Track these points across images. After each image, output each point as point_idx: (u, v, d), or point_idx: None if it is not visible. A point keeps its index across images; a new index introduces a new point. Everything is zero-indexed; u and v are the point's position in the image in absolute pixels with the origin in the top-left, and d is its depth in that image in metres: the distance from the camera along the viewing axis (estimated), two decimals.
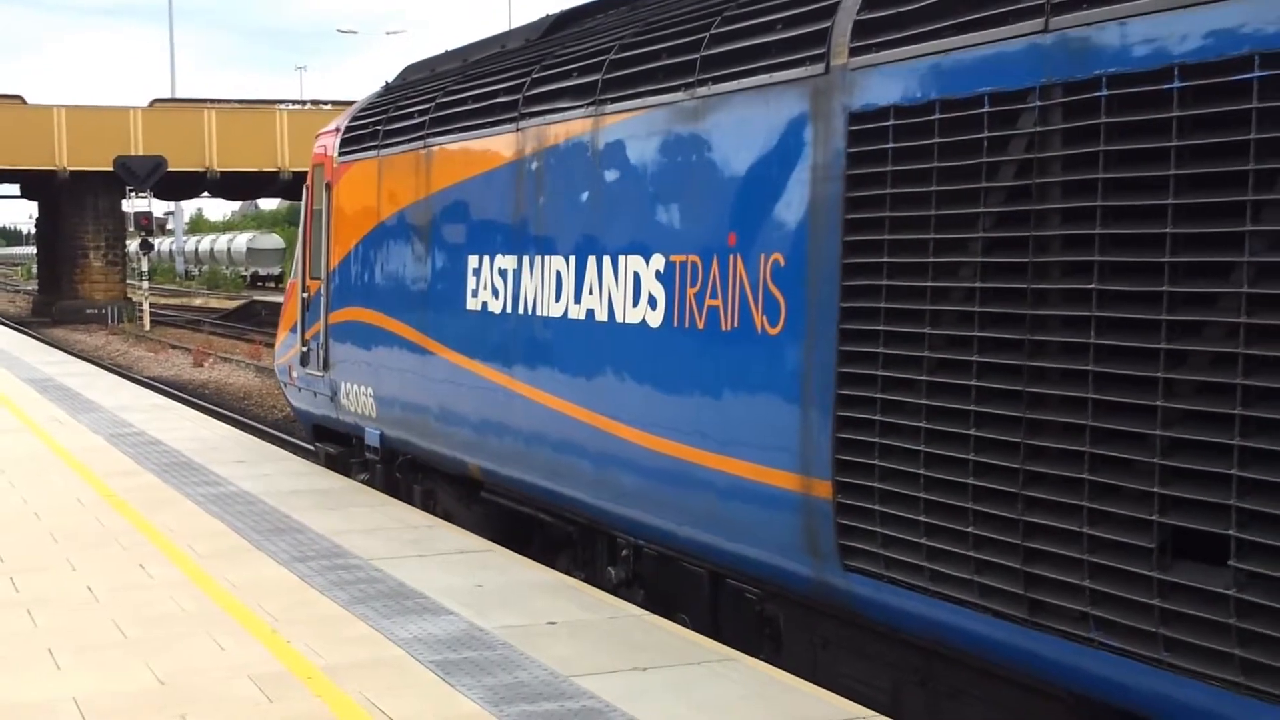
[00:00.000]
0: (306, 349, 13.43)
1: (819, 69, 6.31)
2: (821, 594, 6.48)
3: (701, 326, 7.14)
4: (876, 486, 5.86)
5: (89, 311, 48.28)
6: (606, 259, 8.06)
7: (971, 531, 5.36)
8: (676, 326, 7.36)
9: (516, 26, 11.75)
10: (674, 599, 8.04)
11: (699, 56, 7.27)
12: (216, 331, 42.96)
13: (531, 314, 8.96)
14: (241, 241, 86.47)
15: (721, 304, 6.98)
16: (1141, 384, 4.69)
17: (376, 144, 11.79)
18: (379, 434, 11.85)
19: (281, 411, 22.87)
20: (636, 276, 7.74)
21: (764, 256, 6.66)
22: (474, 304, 9.83)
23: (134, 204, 47.54)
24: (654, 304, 7.57)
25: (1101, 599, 4.83)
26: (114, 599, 7.86)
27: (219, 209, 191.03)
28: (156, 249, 62.98)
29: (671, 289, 7.42)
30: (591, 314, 8.21)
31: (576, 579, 8.52)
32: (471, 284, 9.88)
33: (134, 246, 48.02)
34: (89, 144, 47.15)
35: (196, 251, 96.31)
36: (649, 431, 7.59)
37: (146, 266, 46.61)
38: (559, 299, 8.60)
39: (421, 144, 10.80)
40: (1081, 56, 4.95)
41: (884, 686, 6.38)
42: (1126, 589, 4.72)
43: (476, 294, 9.79)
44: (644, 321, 7.65)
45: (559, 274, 8.61)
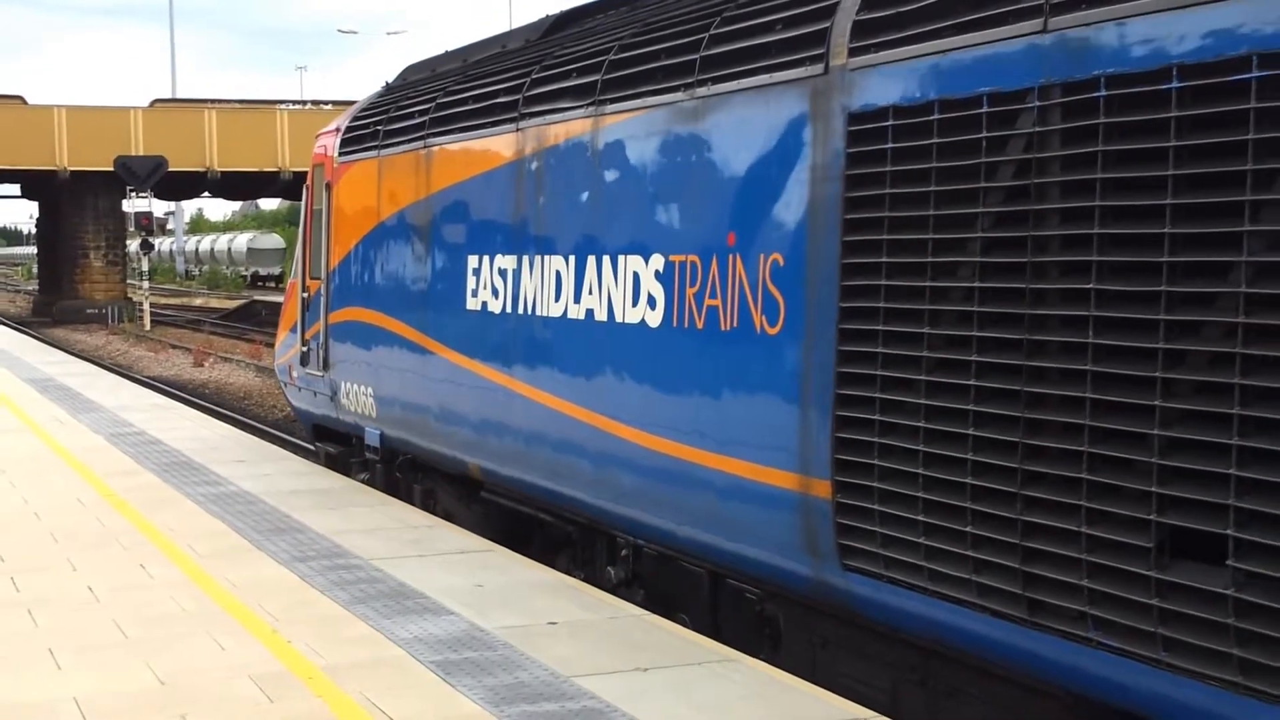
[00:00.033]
0: (306, 349, 13.44)
1: (818, 69, 6.32)
2: (821, 593, 6.48)
3: (701, 326, 7.15)
4: (875, 486, 5.86)
5: (89, 311, 48.27)
6: (606, 259, 8.06)
7: (970, 531, 5.36)
8: (676, 326, 7.37)
9: (517, 27, 11.76)
10: (674, 599, 8.05)
11: (698, 57, 7.28)
12: (217, 331, 42.97)
13: (531, 314, 8.96)
14: (242, 241, 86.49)
15: (721, 304, 6.99)
16: (1140, 384, 4.69)
17: (377, 144, 11.80)
18: (379, 434, 11.86)
19: (282, 411, 22.88)
20: (636, 276, 7.75)
21: (763, 256, 6.66)
22: (474, 304, 9.84)
23: (134, 204, 47.55)
24: (653, 304, 7.58)
25: (1100, 599, 4.83)
26: (114, 599, 7.87)
27: (219, 209, 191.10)
28: (157, 249, 62.95)
29: (671, 289, 7.42)
30: (591, 314, 8.22)
31: (576, 579, 8.52)
32: (471, 284, 9.88)
33: (134, 246, 48.02)
34: (89, 144, 47.13)
35: (197, 251, 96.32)
36: (648, 431, 7.59)
37: (147, 266, 46.59)
38: (559, 299, 8.61)
39: (422, 144, 10.81)
40: (1080, 57, 4.95)
41: (883, 686, 6.38)
42: (1125, 589, 4.73)
43: (476, 294, 9.80)
44: (643, 321, 7.66)
45: (559, 274, 8.61)
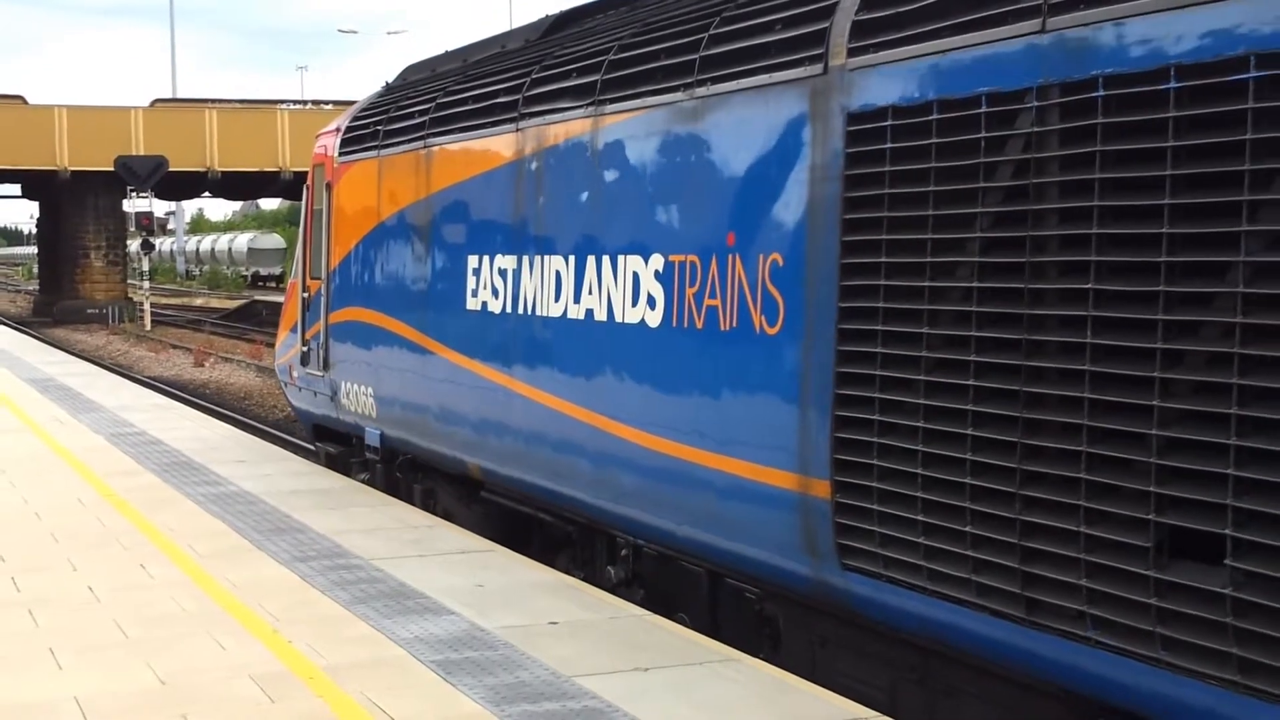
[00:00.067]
0: (307, 349, 13.45)
1: (817, 69, 6.33)
2: (820, 593, 6.49)
3: (700, 326, 7.16)
4: (875, 486, 5.87)
5: (90, 311, 48.25)
6: (606, 259, 8.07)
7: (969, 531, 5.37)
8: (675, 326, 7.38)
9: (516, 27, 11.76)
10: (673, 598, 8.05)
11: (698, 57, 7.28)
12: (217, 331, 42.97)
13: (531, 314, 8.97)
14: (242, 241, 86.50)
15: (720, 304, 7.00)
16: (1138, 384, 4.70)
17: (377, 144, 11.81)
18: (379, 434, 11.87)
19: (282, 411, 22.89)
20: (635, 276, 7.75)
21: (762, 256, 6.67)
22: (474, 304, 9.84)
23: (135, 204, 47.56)
24: (653, 304, 7.58)
25: (1099, 598, 4.84)
26: (115, 599, 7.88)
27: (220, 209, 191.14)
28: (157, 249, 62.89)
29: (670, 289, 7.43)
30: (591, 314, 8.22)
31: (576, 578, 8.53)
32: (471, 284, 9.89)
33: (135, 246, 48.01)
34: (90, 144, 47.11)
35: (197, 251, 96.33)
36: (648, 431, 7.60)
37: (147, 266, 46.58)
38: (558, 299, 8.62)
39: (422, 144, 10.82)
40: (1078, 57, 4.96)
41: (882, 685, 6.39)
42: (1123, 588, 4.74)
43: (476, 294, 9.81)
44: (643, 321, 7.67)
45: (558, 274, 8.62)
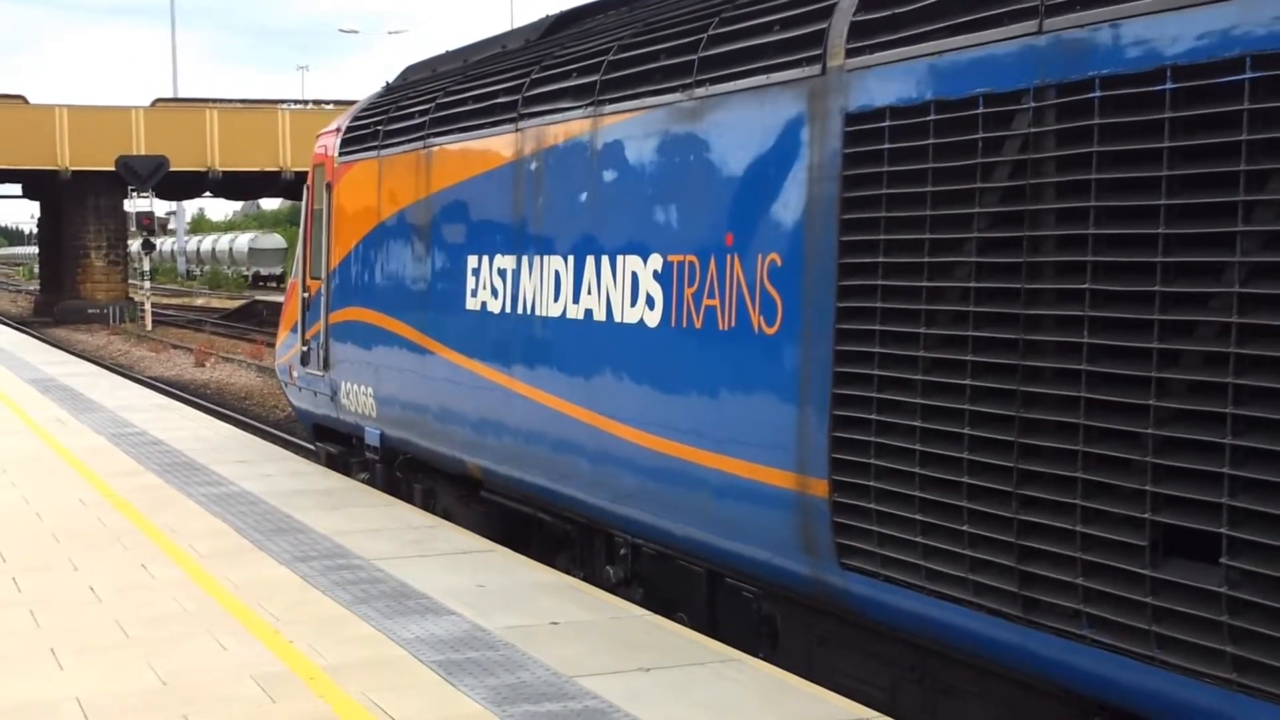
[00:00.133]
0: (307, 349, 13.46)
1: (815, 70, 6.34)
2: (818, 592, 6.50)
3: (699, 326, 7.17)
4: (873, 485, 5.88)
5: (91, 311, 48.23)
6: (605, 259, 8.09)
7: (967, 530, 5.39)
8: (674, 326, 7.39)
9: (517, 27, 11.77)
10: (672, 598, 8.07)
11: (697, 58, 7.30)
12: (218, 331, 42.98)
13: (530, 314, 8.99)
14: (243, 241, 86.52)
15: (719, 304, 7.01)
16: (1135, 383, 4.72)
17: (377, 144, 11.82)
18: (379, 433, 11.88)
19: (283, 411, 22.90)
20: (634, 276, 7.77)
21: (761, 256, 6.69)
22: (473, 304, 9.86)
23: (136, 204, 47.56)
24: (652, 304, 7.60)
25: (1095, 597, 4.86)
26: (116, 599, 7.89)
27: (221, 209, 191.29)
28: (158, 249, 62.92)
29: (669, 289, 7.44)
30: (590, 314, 8.24)
31: (576, 578, 8.55)
32: (471, 284, 9.91)
33: (136, 246, 47.99)
34: (91, 144, 47.10)
35: (198, 251, 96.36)
36: (647, 431, 7.62)
37: (148, 266, 46.61)
38: (558, 299, 8.63)
39: (422, 144, 10.83)
40: (1075, 58, 4.97)
41: (881, 684, 6.41)
42: (1120, 587, 4.75)
43: (476, 294, 9.82)
44: (642, 321, 7.68)
45: (558, 274, 8.64)
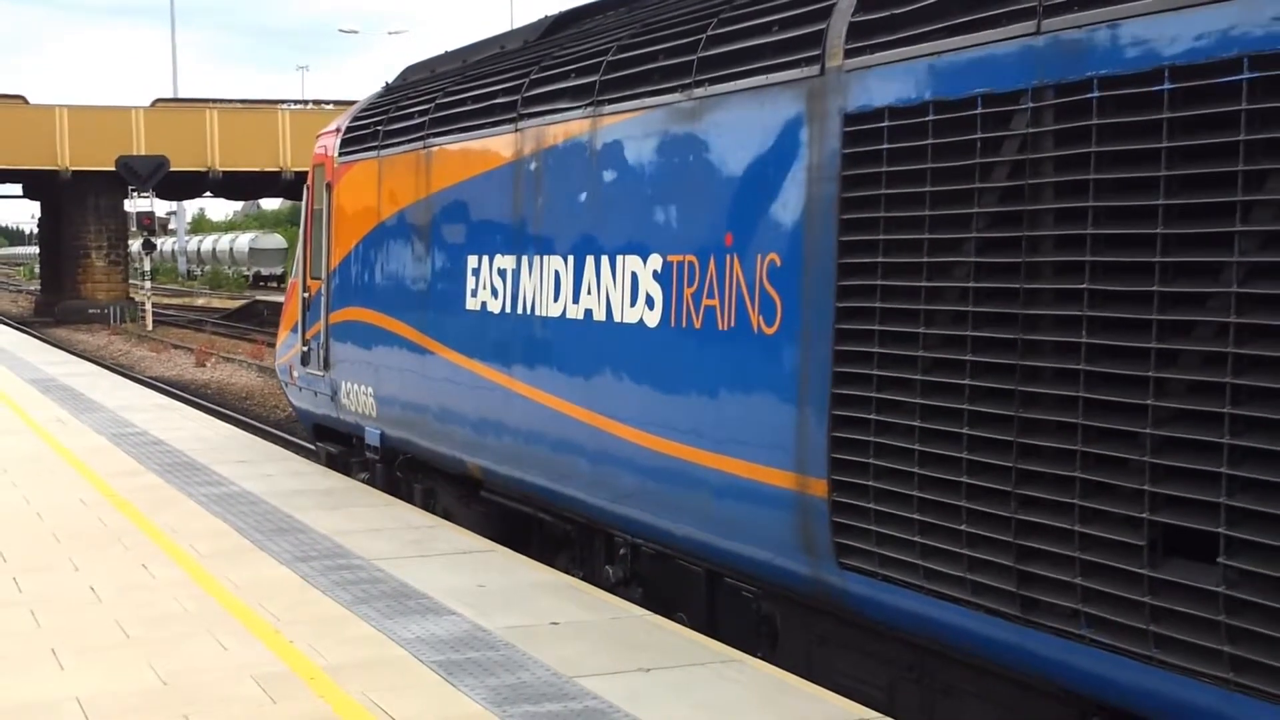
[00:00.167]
0: (307, 349, 13.47)
1: (814, 70, 6.35)
2: (817, 592, 6.51)
3: (698, 326, 7.18)
4: (871, 485, 5.89)
5: (91, 311, 48.24)
6: (604, 259, 8.09)
7: (965, 530, 5.40)
8: (674, 326, 7.40)
9: (516, 27, 11.78)
10: (672, 597, 8.08)
11: (696, 58, 7.31)
12: (219, 331, 42.99)
13: (530, 314, 9.00)
14: (244, 241, 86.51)
15: (718, 304, 7.02)
16: (1133, 383, 4.73)
17: (377, 144, 11.83)
18: (379, 433, 11.89)
19: (283, 411, 22.91)
20: (634, 276, 7.78)
21: (760, 257, 6.69)
22: (473, 304, 9.87)
23: (136, 204, 47.60)
24: (651, 304, 7.61)
25: (1093, 596, 4.86)
26: (117, 599, 7.90)
27: (221, 209, 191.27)
28: (159, 249, 62.95)
29: (669, 289, 7.45)
30: (590, 314, 8.25)
31: (576, 578, 8.55)
32: (471, 284, 9.92)
33: (136, 246, 47.99)
34: (91, 144, 47.10)
35: (199, 251, 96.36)
36: (647, 431, 7.62)
37: (149, 266, 46.62)
38: (557, 299, 8.64)
39: (421, 144, 10.84)
40: (1073, 58, 4.98)
41: (880, 684, 6.42)
42: (1118, 586, 4.76)
43: (476, 294, 9.83)
44: (641, 321, 7.69)
45: (557, 274, 8.64)
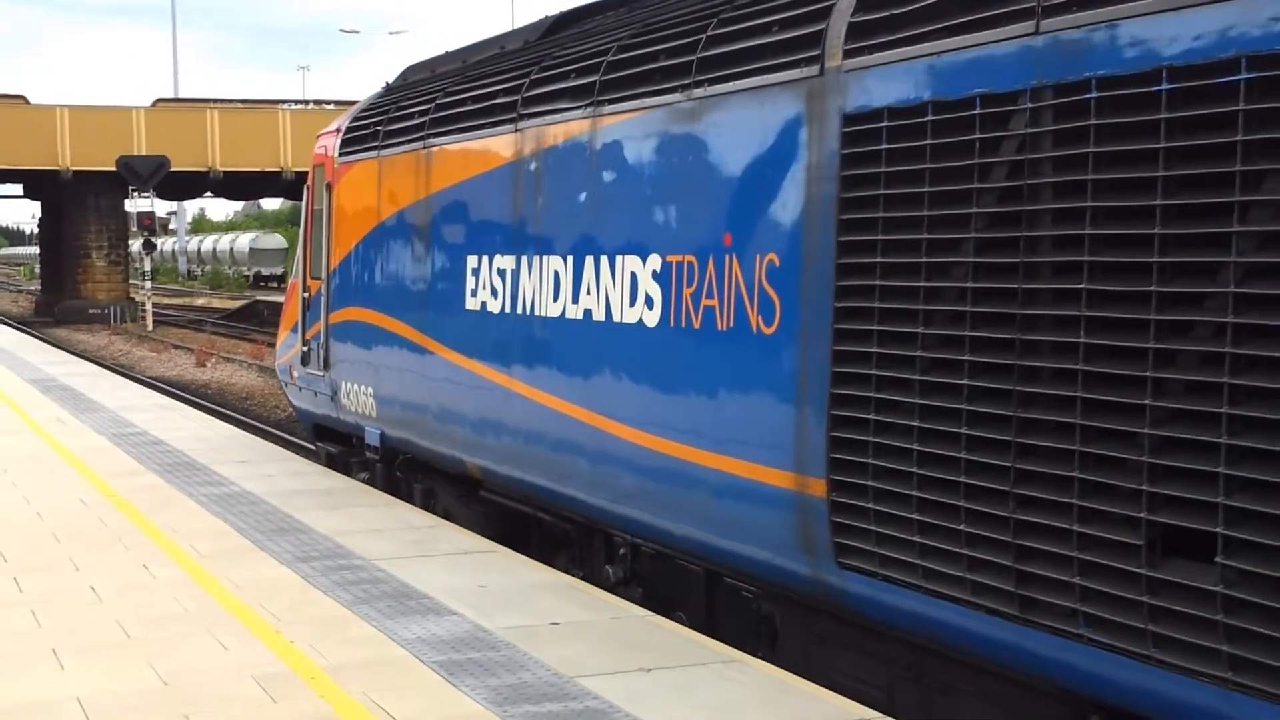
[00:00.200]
0: (307, 349, 13.48)
1: (814, 71, 6.36)
2: (817, 592, 6.52)
3: (698, 326, 7.19)
4: (870, 485, 5.90)
5: (92, 311, 48.23)
6: (604, 259, 8.10)
7: (964, 529, 5.40)
8: (673, 326, 7.41)
9: (516, 28, 11.79)
10: (671, 597, 8.09)
11: (695, 58, 7.31)
12: (219, 331, 43.00)
13: (530, 314, 9.00)
14: (244, 241, 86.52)
15: (717, 304, 7.03)
16: (1131, 383, 4.73)
17: (377, 144, 11.84)
18: (379, 433, 11.90)
19: (284, 412, 22.91)
20: (633, 276, 7.78)
21: (759, 257, 6.70)
22: (473, 304, 9.88)
23: (137, 204, 47.58)
24: (651, 304, 7.62)
25: (1091, 596, 4.87)
26: (117, 599, 7.91)
27: (222, 209, 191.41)
28: (159, 249, 62.96)
29: (668, 289, 7.46)
30: (589, 314, 8.26)
31: (576, 578, 8.56)
32: (471, 284, 9.92)
33: (137, 246, 47.98)
34: (92, 144, 47.11)
35: (199, 251, 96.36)
36: (646, 431, 7.63)
37: (149, 266, 46.62)
38: (557, 299, 8.65)
39: (421, 144, 10.85)
40: (1072, 58, 4.99)
41: (879, 683, 6.42)
42: (1116, 586, 4.77)
43: (475, 294, 9.84)
44: (641, 321, 7.70)
45: (557, 274, 8.65)
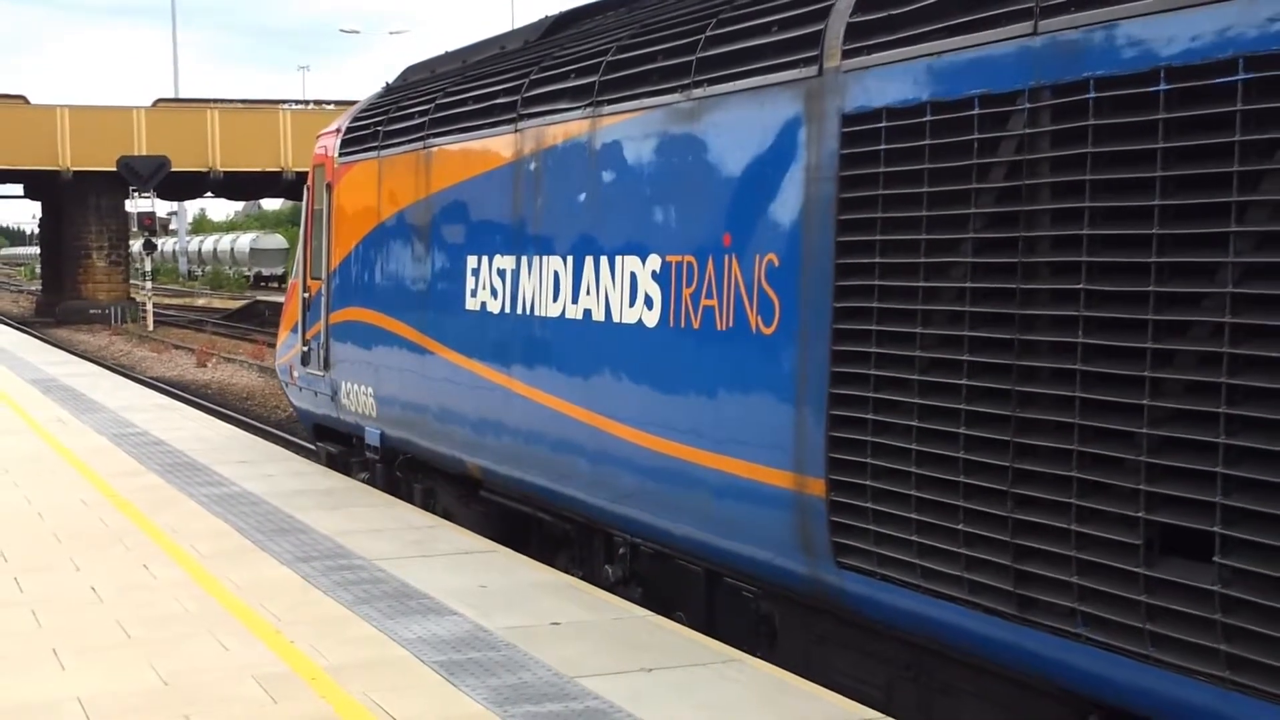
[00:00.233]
0: (307, 349, 13.49)
1: (812, 71, 6.37)
2: (816, 591, 6.53)
3: (697, 326, 7.20)
4: (869, 485, 5.91)
5: (92, 312, 48.21)
6: (604, 259, 8.11)
7: (962, 529, 5.41)
8: (672, 327, 7.42)
9: (516, 28, 11.79)
10: (671, 596, 8.10)
11: (695, 58, 7.32)
12: (220, 332, 43.00)
13: (530, 314, 9.01)
14: (245, 242, 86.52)
15: (717, 304, 7.04)
16: (1129, 383, 4.74)
17: (377, 144, 11.85)
18: (379, 433, 11.91)
19: (284, 412, 22.92)
20: (633, 277, 7.79)
21: (758, 257, 6.71)
22: (473, 304, 9.89)
23: (137, 204, 47.54)
24: (650, 304, 7.62)
25: (1090, 595, 4.88)
26: (117, 599, 7.92)
27: (222, 209, 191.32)
28: (160, 249, 63.00)
29: (668, 289, 7.47)
30: (589, 314, 8.26)
31: (576, 578, 8.57)
32: (470, 284, 9.93)
33: (137, 247, 47.98)
34: (92, 144, 47.09)
35: (200, 252, 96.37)
36: (646, 431, 7.64)
37: (150, 266, 46.62)
38: (557, 299, 8.66)
39: (421, 144, 10.86)
40: (1070, 59, 4.99)
41: (877, 683, 6.43)
42: (1114, 585, 4.78)
43: (475, 294, 9.85)
44: (640, 321, 7.71)
45: (557, 274, 8.66)
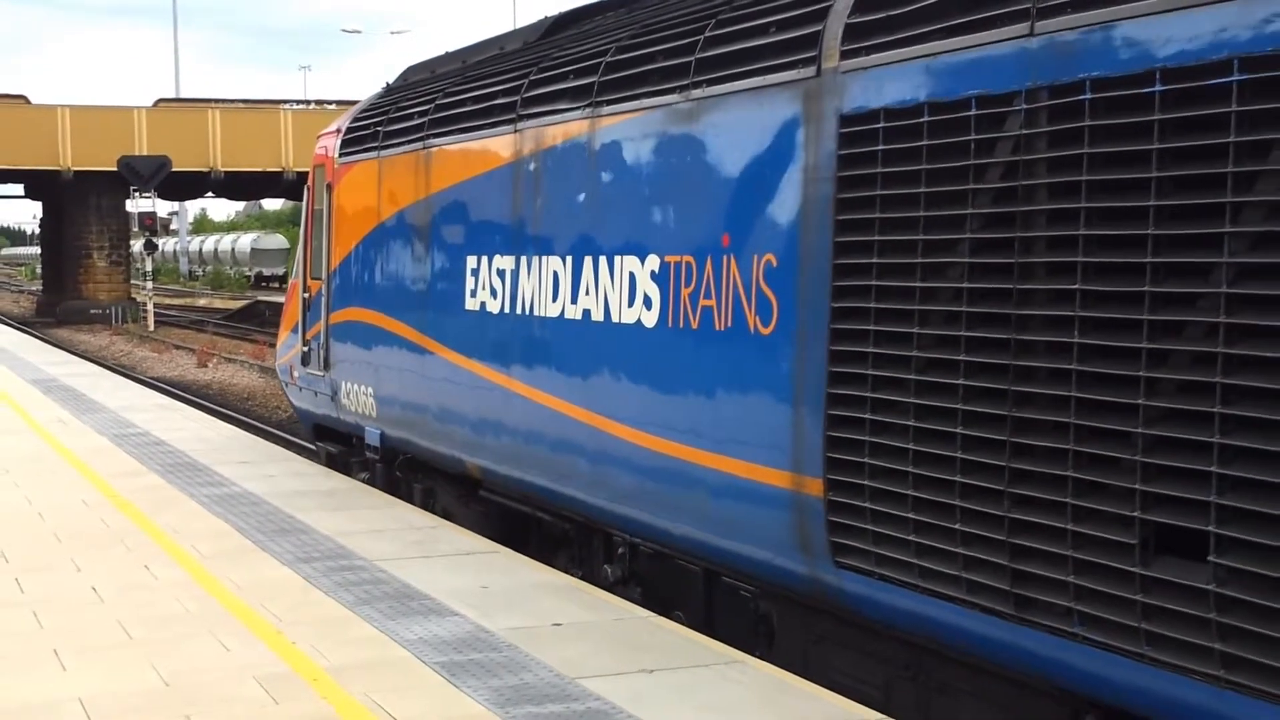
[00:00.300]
0: (307, 349, 13.50)
1: (810, 72, 6.38)
2: (814, 591, 6.54)
3: (696, 326, 7.22)
4: (867, 484, 5.92)
5: (93, 312, 48.24)
6: (603, 259, 8.13)
7: (959, 529, 5.43)
8: (671, 327, 7.43)
9: (515, 28, 11.81)
10: (670, 596, 8.12)
11: (693, 59, 7.34)
12: (220, 332, 43.03)
13: (529, 314, 9.03)
14: (246, 242, 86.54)
15: (715, 304, 7.05)
16: (1124, 383, 4.76)
17: (377, 145, 11.87)
18: (379, 433, 11.92)
19: (285, 412, 22.94)
20: (632, 277, 7.81)
21: (757, 257, 6.73)
22: (473, 304, 9.90)
23: (138, 204, 47.57)
24: (649, 304, 7.64)
25: (1086, 594, 4.90)
26: (118, 599, 7.93)
27: (223, 209, 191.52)
28: (160, 249, 63.02)
29: (666, 289, 7.49)
30: (588, 314, 8.28)
31: (576, 577, 8.58)
32: (470, 284, 9.95)
33: (138, 247, 47.99)
34: (93, 144, 47.12)
35: (200, 252, 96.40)
36: (645, 430, 7.66)
37: (151, 267, 46.64)
38: (556, 299, 8.68)
39: (421, 145, 10.88)
40: (1066, 60, 5.01)
41: (876, 682, 6.45)
42: (1110, 584, 4.79)
43: (475, 294, 9.87)
44: (639, 322, 7.72)
45: (556, 274, 8.68)
